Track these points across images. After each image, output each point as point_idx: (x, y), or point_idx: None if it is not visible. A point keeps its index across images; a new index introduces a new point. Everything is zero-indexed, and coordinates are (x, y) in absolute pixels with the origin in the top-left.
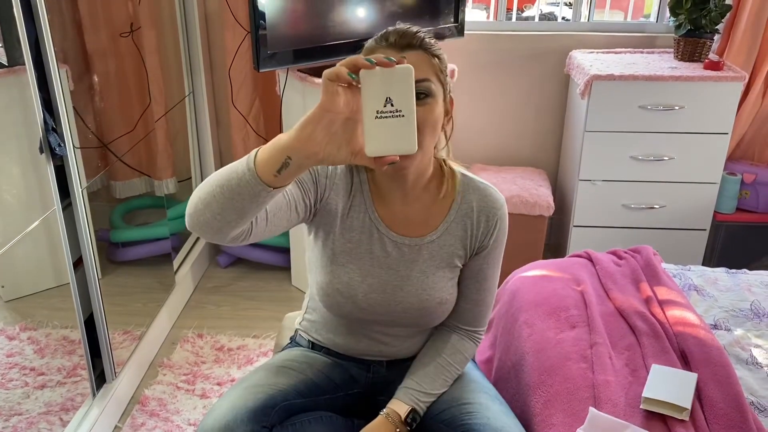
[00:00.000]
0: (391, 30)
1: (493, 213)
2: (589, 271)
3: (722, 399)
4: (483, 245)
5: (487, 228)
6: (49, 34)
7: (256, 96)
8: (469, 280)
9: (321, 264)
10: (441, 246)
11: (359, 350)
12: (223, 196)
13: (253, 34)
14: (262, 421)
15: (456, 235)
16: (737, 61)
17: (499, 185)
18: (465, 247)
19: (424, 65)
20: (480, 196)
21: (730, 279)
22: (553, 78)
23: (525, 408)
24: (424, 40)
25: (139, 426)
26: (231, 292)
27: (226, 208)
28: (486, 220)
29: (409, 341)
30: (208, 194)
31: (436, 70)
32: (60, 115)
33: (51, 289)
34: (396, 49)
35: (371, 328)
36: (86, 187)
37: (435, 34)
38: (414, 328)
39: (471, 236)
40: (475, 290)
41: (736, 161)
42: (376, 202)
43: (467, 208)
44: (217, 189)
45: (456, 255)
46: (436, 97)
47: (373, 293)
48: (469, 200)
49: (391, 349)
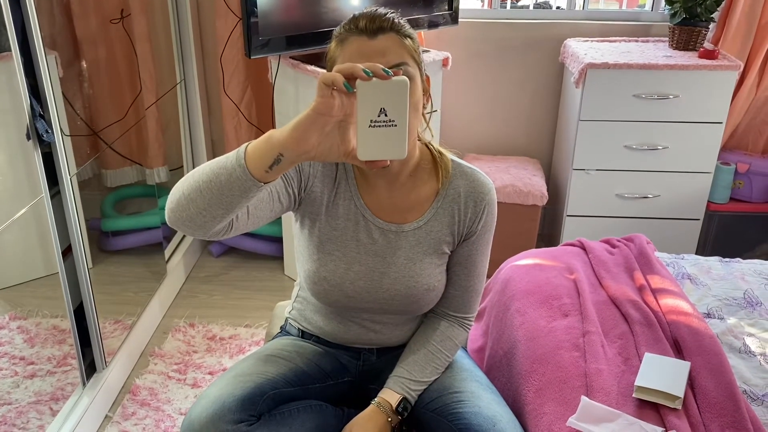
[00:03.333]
0: (360, 15)
1: (481, 198)
2: (582, 260)
3: (715, 387)
4: (471, 231)
5: (475, 213)
6: (36, 19)
7: (248, 84)
8: (458, 267)
9: (308, 252)
10: (428, 232)
11: (349, 338)
12: (210, 192)
13: (244, 21)
14: (249, 410)
15: (443, 221)
16: (732, 50)
17: (493, 174)
18: (453, 234)
19: (398, 48)
20: (467, 182)
21: (724, 268)
22: (547, 66)
23: (517, 397)
24: (395, 21)
25: (129, 415)
26: (223, 282)
27: (212, 204)
28: (474, 205)
29: (399, 329)
30: (193, 190)
31: (410, 51)
32: (48, 102)
33: (41, 278)
34: (367, 34)
35: (360, 316)
36: (75, 174)
37: (429, 21)
38: (403, 316)
39: (459, 222)
40: (464, 276)
41: (730, 151)
42: (362, 189)
43: (455, 194)
44: (204, 185)
45: (444, 241)
46: (414, 78)
47: (360, 280)
48: (456, 186)
49: (381, 336)
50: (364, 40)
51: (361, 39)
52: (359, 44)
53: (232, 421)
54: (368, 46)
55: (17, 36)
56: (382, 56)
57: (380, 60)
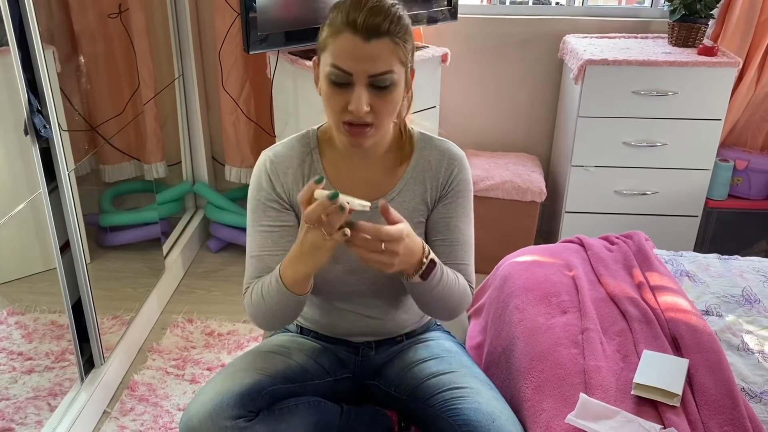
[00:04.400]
0: (359, 11)
1: (451, 163)
2: (580, 257)
3: (713, 385)
4: (444, 193)
5: (447, 177)
6: (33, 13)
7: (246, 79)
8: (438, 234)
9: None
10: (400, 203)
11: (345, 328)
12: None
13: (243, 16)
14: (248, 406)
15: (415, 190)
16: (731, 46)
17: (491, 171)
18: (425, 201)
19: (388, 55)
20: (438, 151)
21: (722, 265)
22: (546, 63)
23: (515, 393)
24: (392, 25)
25: (128, 411)
26: (222, 277)
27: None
28: (445, 170)
29: (393, 313)
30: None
31: (400, 56)
32: (45, 97)
33: (39, 273)
34: (362, 35)
35: (352, 301)
36: (73, 169)
37: (428, 17)
38: (393, 295)
39: (431, 188)
40: (447, 244)
41: (728, 148)
42: (330, 173)
43: (425, 163)
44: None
45: (417, 210)
46: (396, 83)
47: (339, 265)
48: (426, 156)
49: (377, 322)
50: (357, 42)
51: (355, 39)
52: (353, 46)
53: (231, 416)
54: (361, 49)
55: (15, 30)
56: (372, 62)
57: (369, 65)
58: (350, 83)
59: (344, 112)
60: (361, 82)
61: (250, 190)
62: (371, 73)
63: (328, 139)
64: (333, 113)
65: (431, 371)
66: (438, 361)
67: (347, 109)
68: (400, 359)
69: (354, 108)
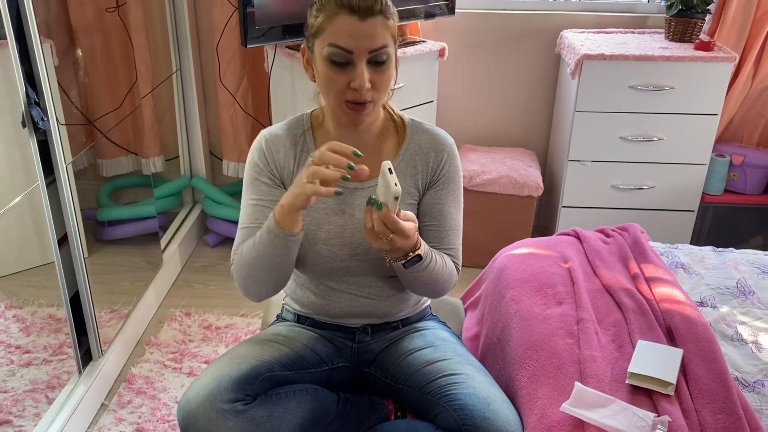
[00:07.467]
0: None
1: (441, 148)
2: (576, 249)
3: (707, 374)
4: (435, 179)
5: (437, 162)
6: (31, 7)
7: (244, 73)
8: (428, 218)
9: None
10: None
11: (340, 309)
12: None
13: (241, 10)
14: (245, 390)
15: (406, 173)
16: (728, 41)
17: (489, 165)
18: (416, 185)
19: (383, 31)
20: (428, 136)
21: (717, 257)
22: (543, 57)
23: (511, 382)
24: (382, 6)
25: (125, 404)
26: (219, 271)
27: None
28: (435, 155)
29: (387, 291)
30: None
31: (392, 32)
32: (43, 89)
33: (37, 267)
34: (358, 15)
35: (346, 281)
36: (71, 162)
37: (425, 12)
38: (385, 274)
39: (422, 172)
40: (437, 228)
41: (725, 143)
42: None
43: (416, 148)
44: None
45: (409, 193)
46: (391, 57)
47: (332, 239)
48: (417, 140)
49: (371, 302)
50: (354, 21)
51: (352, 19)
52: (350, 25)
53: (228, 400)
54: (359, 27)
55: (13, 23)
56: (371, 39)
57: (368, 42)
58: (350, 62)
59: (346, 91)
60: (361, 59)
61: (246, 166)
62: (371, 49)
63: (320, 123)
64: (334, 93)
65: (426, 359)
66: (433, 349)
67: (349, 87)
68: (395, 348)
69: (357, 84)
